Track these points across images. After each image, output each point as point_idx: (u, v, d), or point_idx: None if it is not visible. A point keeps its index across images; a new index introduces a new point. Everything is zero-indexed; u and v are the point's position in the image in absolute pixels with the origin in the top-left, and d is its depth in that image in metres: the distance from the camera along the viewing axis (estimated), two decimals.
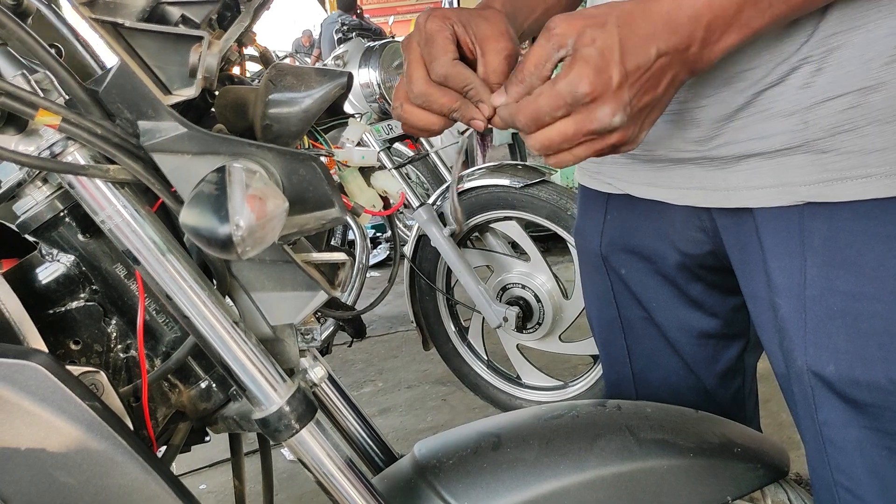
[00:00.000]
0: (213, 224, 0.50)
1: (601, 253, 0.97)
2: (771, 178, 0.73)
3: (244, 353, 0.64)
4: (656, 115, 0.65)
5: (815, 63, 0.68)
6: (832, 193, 0.70)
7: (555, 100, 0.61)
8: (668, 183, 0.84)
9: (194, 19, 0.58)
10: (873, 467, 0.73)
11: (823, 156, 0.69)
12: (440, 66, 0.69)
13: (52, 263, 0.71)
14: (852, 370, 0.72)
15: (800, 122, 0.70)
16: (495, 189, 2.46)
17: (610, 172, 0.93)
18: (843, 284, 0.72)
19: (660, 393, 0.99)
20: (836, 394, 0.73)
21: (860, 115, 0.67)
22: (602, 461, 0.79)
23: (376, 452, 0.92)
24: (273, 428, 0.65)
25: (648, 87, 0.62)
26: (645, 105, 0.63)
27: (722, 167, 0.77)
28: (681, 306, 0.94)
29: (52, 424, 0.59)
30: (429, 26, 0.70)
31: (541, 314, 2.55)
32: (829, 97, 0.68)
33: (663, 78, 0.62)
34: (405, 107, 0.74)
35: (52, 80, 0.65)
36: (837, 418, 0.74)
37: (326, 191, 0.61)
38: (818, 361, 0.74)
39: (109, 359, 0.73)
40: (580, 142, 0.63)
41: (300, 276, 0.65)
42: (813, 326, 0.74)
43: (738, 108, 0.74)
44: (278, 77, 0.66)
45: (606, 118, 0.60)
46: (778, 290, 0.77)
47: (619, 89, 0.60)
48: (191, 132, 0.58)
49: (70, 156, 0.59)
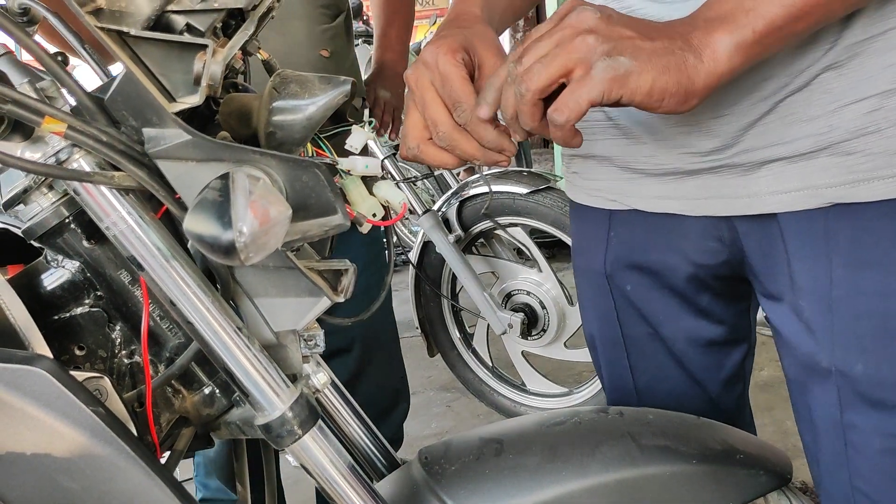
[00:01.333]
0: (217, 230, 0.50)
1: (605, 272, 0.95)
2: (797, 181, 0.74)
3: (247, 359, 0.64)
4: (645, 64, 0.59)
5: (838, 69, 0.69)
6: (858, 194, 0.70)
7: (549, 22, 0.62)
8: (682, 195, 0.83)
9: (199, 28, 0.59)
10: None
11: (848, 158, 0.70)
12: (464, 114, 0.68)
13: (58, 269, 0.72)
14: (880, 369, 0.72)
15: (824, 125, 0.71)
16: (501, 195, 2.47)
17: (614, 189, 0.91)
18: (869, 284, 0.72)
19: (665, 405, 0.99)
20: (862, 396, 0.74)
21: (882, 117, 0.68)
22: (604, 467, 0.79)
23: (379, 458, 0.92)
24: (276, 434, 0.65)
25: (635, 29, 0.60)
26: (628, 36, 0.59)
27: (743, 174, 0.77)
28: (687, 317, 0.93)
29: (56, 429, 0.59)
30: (442, 67, 0.69)
31: (546, 321, 2.55)
32: (852, 101, 0.69)
33: (654, 38, 0.60)
34: (422, 147, 0.72)
35: (58, 87, 0.65)
36: (863, 422, 0.74)
37: (329, 198, 0.61)
38: (846, 361, 0.74)
39: (113, 364, 0.73)
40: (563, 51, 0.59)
41: (303, 283, 0.66)
42: (840, 327, 0.74)
43: (760, 115, 0.74)
44: (282, 84, 0.66)
45: (586, 21, 0.59)
46: (802, 292, 0.77)
47: (601, 20, 0.59)
48: (195, 139, 0.59)
49: (75, 163, 0.60)
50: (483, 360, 2.78)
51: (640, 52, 0.59)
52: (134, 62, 0.57)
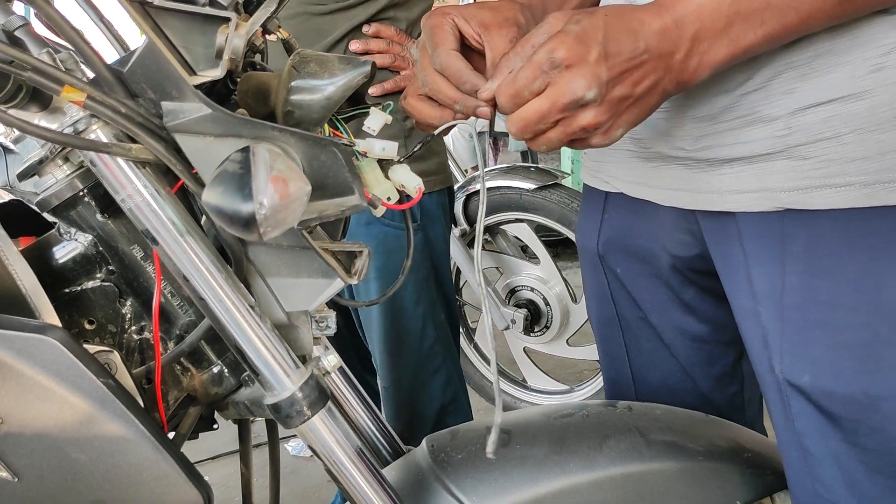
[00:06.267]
0: (237, 202, 0.50)
1: (598, 252, 0.97)
2: (753, 182, 0.72)
3: (258, 338, 0.64)
4: (635, 116, 0.64)
5: (800, 69, 0.68)
6: (811, 201, 0.69)
7: (532, 70, 0.61)
8: (657, 183, 0.83)
9: (221, 2, 0.58)
10: (851, 481, 0.71)
11: (805, 162, 0.68)
12: (437, 56, 0.71)
13: (70, 242, 0.71)
14: (827, 382, 0.70)
15: (783, 127, 0.69)
16: (507, 191, 2.46)
17: (609, 171, 0.92)
18: (821, 294, 0.70)
19: (659, 393, 0.98)
20: (812, 404, 0.72)
21: (842, 122, 0.66)
22: (611, 461, 0.78)
23: (384, 446, 0.92)
24: (285, 414, 0.65)
25: (627, 77, 0.61)
26: (622, 97, 0.62)
27: (707, 170, 0.76)
28: (674, 309, 0.93)
29: (66, 400, 0.59)
30: (429, 22, 0.73)
31: (549, 318, 2.54)
32: (814, 104, 0.67)
33: (645, 78, 0.62)
34: (409, 99, 0.77)
35: (76, 60, 0.65)
36: (815, 429, 0.72)
37: (347, 178, 0.61)
38: (794, 371, 0.72)
39: (123, 340, 0.73)
40: (555, 120, 0.62)
41: (317, 263, 0.65)
42: (790, 335, 0.73)
43: (723, 109, 0.73)
44: (302, 64, 0.66)
45: (580, 89, 0.59)
46: (759, 296, 0.75)
47: (597, 64, 0.59)
48: (214, 113, 0.58)
49: (93, 134, 0.59)
50: (485, 356, 2.78)
51: (632, 116, 0.64)
52: (156, 33, 0.57)
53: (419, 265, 1.49)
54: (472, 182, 2.58)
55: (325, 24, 1.36)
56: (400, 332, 1.51)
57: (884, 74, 0.64)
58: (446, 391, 1.59)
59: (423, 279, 1.50)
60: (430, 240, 1.50)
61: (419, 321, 1.51)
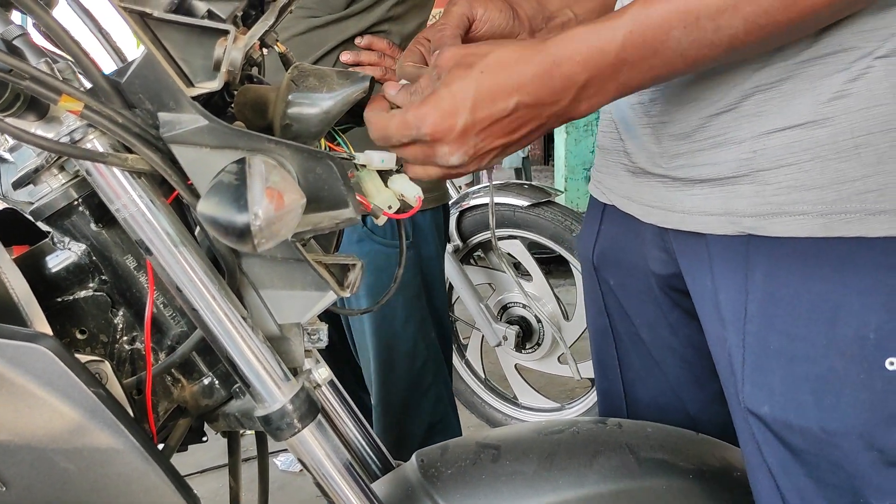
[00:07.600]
0: (232, 213, 0.50)
1: (594, 263, 0.97)
2: (720, 205, 0.71)
3: (250, 350, 0.64)
4: (514, 150, 0.68)
5: (768, 92, 0.67)
6: (772, 227, 0.67)
7: (402, 128, 0.64)
8: (640, 198, 0.83)
9: (220, 15, 0.59)
10: None
11: (766, 188, 0.67)
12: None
13: (63, 251, 0.71)
14: (786, 413, 0.69)
15: (748, 150, 0.68)
16: (501, 207, 2.47)
17: (606, 182, 0.92)
18: (779, 323, 0.69)
19: (649, 410, 0.98)
20: (774, 435, 0.70)
21: (803, 149, 0.65)
22: (601, 478, 0.78)
23: (374, 460, 0.92)
24: (275, 426, 0.64)
25: (500, 133, 0.64)
26: (495, 147, 0.65)
27: (681, 188, 0.76)
28: (663, 327, 0.92)
29: (56, 409, 0.59)
30: None
31: (540, 335, 2.54)
32: (778, 128, 0.66)
33: (523, 126, 0.64)
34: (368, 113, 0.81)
35: (74, 70, 0.65)
36: (779, 462, 0.71)
37: (342, 191, 0.61)
38: (754, 400, 0.71)
39: (114, 350, 0.72)
40: (425, 164, 0.67)
41: (310, 276, 0.65)
42: (751, 363, 0.71)
43: (694, 129, 0.73)
44: (300, 77, 0.66)
45: (444, 158, 0.64)
46: (726, 322, 0.74)
47: (463, 136, 0.63)
48: (211, 125, 0.58)
49: (89, 143, 0.60)
50: (476, 372, 2.77)
51: (507, 152, 0.67)
52: (154, 45, 0.57)
53: (409, 283, 1.49)
54: (465, 198, 2.59)
55: (315, 37, 1.37)
56: (391, 350, 1.51)
57: (847, 102, 0.63)
58: (436, 410, 1.58)
59: (414, 296, 1.50)
60: (422, 258, 1.50)
61: (409, 340, 1.51)
